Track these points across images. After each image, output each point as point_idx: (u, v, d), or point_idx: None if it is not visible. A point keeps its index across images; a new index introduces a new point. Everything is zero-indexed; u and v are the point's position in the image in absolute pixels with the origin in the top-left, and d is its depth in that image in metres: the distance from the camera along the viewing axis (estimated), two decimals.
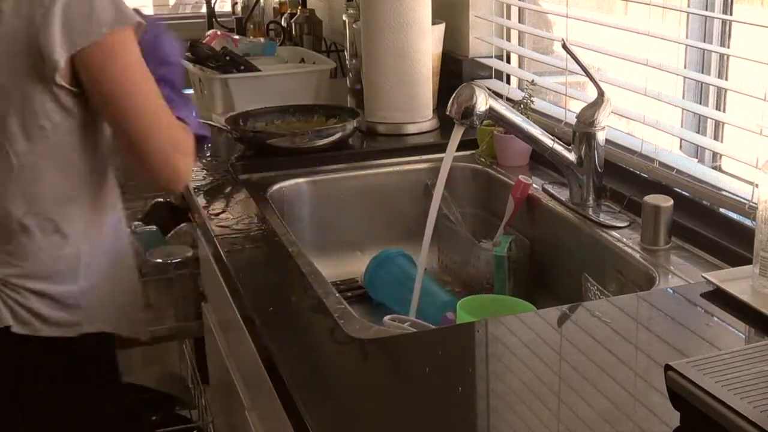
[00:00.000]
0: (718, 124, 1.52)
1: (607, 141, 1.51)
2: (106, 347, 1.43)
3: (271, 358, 1.02)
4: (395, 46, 1.85)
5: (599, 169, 1.48)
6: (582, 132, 1.47)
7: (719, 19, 1.48)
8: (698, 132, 1.56)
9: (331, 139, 1.79)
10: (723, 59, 1.51)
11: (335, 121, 1.87)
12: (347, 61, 2.45)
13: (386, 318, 1.23)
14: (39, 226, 1.29)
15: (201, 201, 1.56)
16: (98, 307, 1.37)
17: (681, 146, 1.59)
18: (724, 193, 1.35)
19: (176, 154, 1.32)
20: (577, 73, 1.66)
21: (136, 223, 2.16)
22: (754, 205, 1.24)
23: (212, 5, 3.62)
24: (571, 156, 1.49)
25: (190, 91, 2.33)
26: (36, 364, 1.35)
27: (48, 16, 1.19)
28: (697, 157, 1.55)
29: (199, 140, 1.45)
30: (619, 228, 1.39)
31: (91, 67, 1.23)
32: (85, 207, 1.34)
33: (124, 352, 2.18)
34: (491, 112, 1.42)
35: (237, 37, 2.48)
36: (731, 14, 1.46)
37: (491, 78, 2.10)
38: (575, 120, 1.50)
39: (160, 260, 1.97)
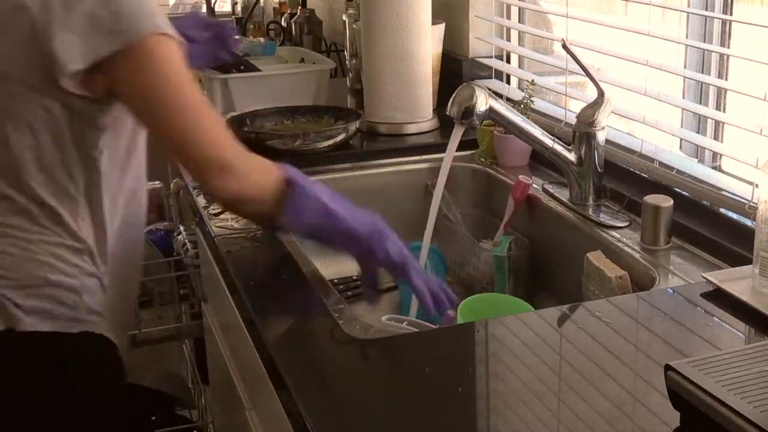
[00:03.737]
0: (718, 124, 1.52)
1: (607, 141, 1.51)
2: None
3: (271, 358, 1.02)
4: (395, 46, 1.85)
5: (599, 169, 1.49)
6: (582, 132, 1.47)
7: (719, 19, 1.48)
8: (698, 132, 1.56)
9: (333, 141, 1.79)
10: (723, 59, 1.50)
11: (343, 123, 1.87)
12: (347, 61, 2.45)
13: (384, 318, 1.23)
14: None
15: (201, 201, 1.56)
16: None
17: (681, 146, 1.59)
18: (724, 193, 1.35)
19: (219, 163, 1.18)
20: (577, 73, 1.66)
21: None
22: (754, 205, 1.24)
23: (212, 5, 3.62)
24: (571, 156, 1.49)
25: None
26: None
27: (63, 17, 1.12)
28: (697, 157, 1.55)
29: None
30: (619, 228, 1.39)
31: (116, 75, 1.16)
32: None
33: (125, 352, 2.19)
34: (491, 112, 1.42)
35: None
36: (731, 14, 1.46)
37: (491, 78, 2.10)
38: (575, 120, 1.50)
39: None
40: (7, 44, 1.16)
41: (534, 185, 1.58)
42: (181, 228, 2.10)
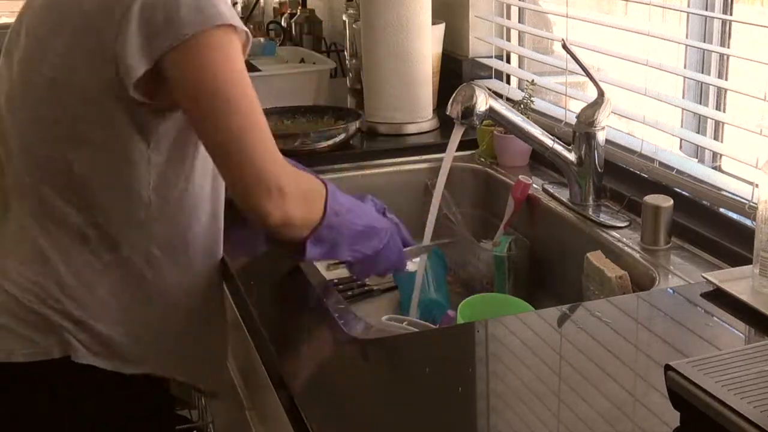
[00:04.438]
0: (718, 124, 1.52)
1: (607, 141, 1.51)
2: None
3: (271, 358, 1.02)
4: (395, 46, 1.85)
5: (599, 169, 1.49)
6: (582, 132, 1.47)
7: (719, 19, 1.48)
8: (698, 132, 1.56)
9: (333, 141, 1.79)
10: (723, 59, 1.50)
11: (343, 123, 1.87)
12: (347, 61, 2.45)
13: (384, 318, 1.23)
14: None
15: None
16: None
17: (681, 146, 1.59)
18: (724, 193, 1.35)
19: (274, 186, 1.07)
20: (577, 73, 1.66)
21: None
22: (754, 205, 1.24)
23: None
24: (571, 156, 1.49)
25: None
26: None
27: (125, 20, 1.05)
28: (697, 157, 1.55)
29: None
30: (619, 228, 1.39)
31: (173, 72, 1.07)
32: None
33: None
34: (491, 112, 1.42)
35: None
36: (731, 14, 1.46)
37: (491, 78, 2.10)
38: (575, 120, 1.50)
39: None
40: (75, 53, 1.10)
41: (534, 185, 1.58)
42: None
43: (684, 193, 1.40)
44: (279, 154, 1.10)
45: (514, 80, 2.08)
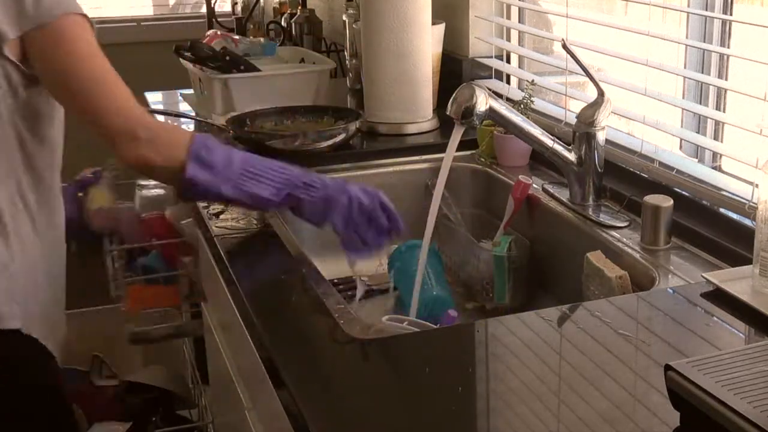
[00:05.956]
0: (718, 124, 1.52)
1: (607, 141, 1.51)
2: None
3: (271, 358, 1.02)
4: (395, 46, 1.85)
5: (599, 169, 1.49)
6: (582, 132, 1.47)
7: (719, 19, 1.48)
8: (698, 132, 1.56)
9: (333, 141, 1.79)
10: (723, 59, 1.51)
11: (343, 123, 1.87)
12: (347, 61, 2.45)
13: (384, 318, 1.23)
14: None
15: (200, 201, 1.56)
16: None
17: (681, 146, 1.59)
18: (724, 193, 1.36)
19: (126, 132, 1.30)
20: (577, 73, 1.66)
21: None
22: (754, 205, 1.24)
23: (212, 5, 3.62)
24: (571, 156, 1.49)
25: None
26: None
27: None
28: (697, 157, 1.55)
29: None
30: (619, 228, 1.39)
31: (41, 49, 1.28)
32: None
33: (125, 351, 2.19)
34: (491, 112, 1.42)
35: (237, 37, 2.48)
36: (731, 14, 1.46)
37: (491, 78, 2.11)
38: (575, 120, 1.50)
39: None
40: None
41: (534, 185, 1.58)
42: None
43: (684, 193, 1.40)
44: (137, 110, 1.31)
45: (514, 80, 2.09)
